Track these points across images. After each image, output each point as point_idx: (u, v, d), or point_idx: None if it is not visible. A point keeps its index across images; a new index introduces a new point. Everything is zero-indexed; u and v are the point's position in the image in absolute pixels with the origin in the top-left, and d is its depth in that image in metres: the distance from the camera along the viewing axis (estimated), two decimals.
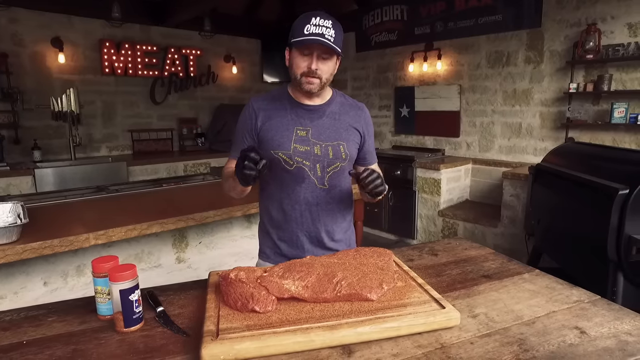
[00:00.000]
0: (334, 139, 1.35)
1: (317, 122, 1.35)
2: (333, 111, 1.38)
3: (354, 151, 1.40)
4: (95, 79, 4.58)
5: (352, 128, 1.39)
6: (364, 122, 1.43)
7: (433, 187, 4.17)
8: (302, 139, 1.33)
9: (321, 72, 1.26)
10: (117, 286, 0.94)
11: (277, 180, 1.38)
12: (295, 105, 1.35)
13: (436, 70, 4.69)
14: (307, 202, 1.36)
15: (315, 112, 1.35)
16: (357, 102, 1.46)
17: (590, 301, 1.10)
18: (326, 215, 1.39)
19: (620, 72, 3.37)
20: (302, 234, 1.39)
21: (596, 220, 1.95)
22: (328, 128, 1.35)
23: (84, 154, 4.54)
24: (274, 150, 1.32)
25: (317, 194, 1.36)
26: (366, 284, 1.00)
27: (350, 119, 1.39)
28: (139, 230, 1.78)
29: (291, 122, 1.34)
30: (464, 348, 0.88)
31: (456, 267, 1.34)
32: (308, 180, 1.35)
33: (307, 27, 1.20)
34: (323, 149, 1.34)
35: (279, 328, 0.88)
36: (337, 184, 1.39)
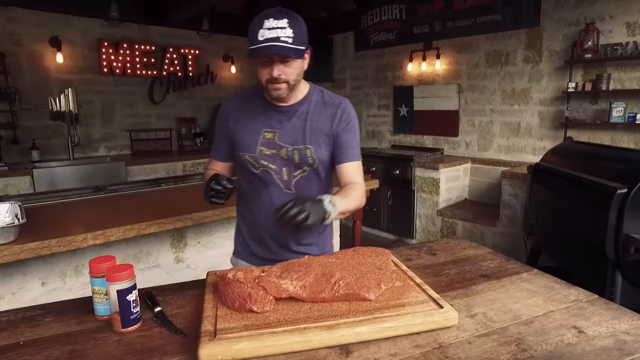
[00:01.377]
0: (301, 142, 1.28)
1: (285, 124, 1.29)
2: (304, 111, 1.30)
3: (324, 155, 1.30)
4: (93, 78, 4.58)
5: (321, 130, 1.29)
6: (339, 120, 1.30)
7: (432, 187, 4.17)
8: (269, 141, 1.28)
9: (286, 76, 1.18)
10: (114, 286, 0.94)
11: (246, 180, 1.38)
12: (267, 106, 1.30)
13: (435, 70, 4.69)
14: (273, 206, 1.29)
15: (284, 114, 1.29)
16: (337, 98, 1.34)
17: (589, 300, 1.10)
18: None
19: (618, 72, 3.38)
20: (268, 237, 1.37)
21: (594, 219, 1.95)
22: (295, 131, 1.28)
23: (83, 153, 4.54)
24: (241, 152, 1.30)
25: (283, 198, 1.28)
26: (364, 283, 1.00)
27: (321, 120, 1.30)
28: (137, 230, 1.77)
29: (259, 124, 1.29)
30: (461, 348, 0.88)
31: (454, 267, 1.34)
32: (273, 185, 1.31)
33: (261, 33, 1.11)
34: (289, 153, 1.28)
35: (277, 328, 0.88)
36: (304, 189, 1.33)
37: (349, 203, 1.23)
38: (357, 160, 1.35)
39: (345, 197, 1.23)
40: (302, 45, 1.17)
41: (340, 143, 1.31)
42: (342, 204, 1.19)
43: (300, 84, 1.30)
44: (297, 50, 1.15)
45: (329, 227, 1.48)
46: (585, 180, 2.04)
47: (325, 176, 1.37)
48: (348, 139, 1.32)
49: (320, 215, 1.08)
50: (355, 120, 1.36)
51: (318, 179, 1.35)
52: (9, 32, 4.01)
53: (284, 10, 1.15)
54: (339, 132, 1.31)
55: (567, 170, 2.26)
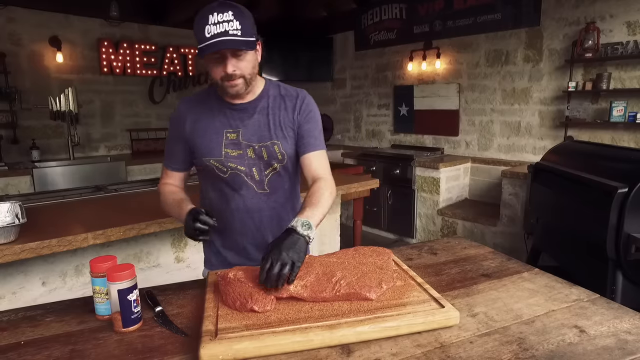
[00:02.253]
0: (267, 138, 1.24)
1: (247, 122, 1.24)
2: (264, 107, 1.25)
3: (290, 149, 1.27)
4: (93, 78, 4.58)
5: (286, 123, 1.25)
6: (299, 110, 1.26)
7: (432, 186, 4.17)
8: (233, 142, 1.23)
9: (241, 70, 1.14)
10: (115, 286, 0.94)
11: (214, 188, 1.30)
12: (223, 105, 1.25)
13: (435, 69, 4.69)
14: (248, 209, 1.27)
15: (244, 111, 1.24)
16: (294, 90, 1.30)
17: (590, 300, 1.10)
18: (270, 221, 1.30)
19: (619, 71, 3.37)
20: (246, 242, 1.32)
21: (595, 218, 1.95)
22: (259, 127, 1.24)
23: (83, 153, 4.54)
24: (205, 157, 1.24)
25: (258, 199, 1.27)
26: (365, 283, 1.00)
27: (283, 113, 1.26)
28: (138, 230, 1.77)
29: (220, 125, 1.24)
30: (463, 347, 0.88)
31: (455, 266, 1.33)
32: (246, 186, 1.26)
33: (207, 29, 1.06)
34: (257, 151, 1.24)
35: (278, 328, 0.88)
36: (279, 186, 1.30)
37: (322, 210, 1.14)
38: (321, 150, 1.29)
39: (315, 206, 1.13)
40: (252, 37, 1.12)
41: (302, 133, 1.26)
42: (316, 217, 1.10)
43: (257, 79, 1.25)
44: (248, 42, 1.10)
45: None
46: (586, 180, 2.04)
47: (293, 171, 1.33)
48: (310, 129, 1.27)
49: (302, 249, 1.00)
50: (316, 110, 1.32)
51: (288, 175, 1.32)
52: (9, 31, 4.01)
53: (227, 3, 1.10)
54: (301, 123, 1.26)
55: (567, 169, 2.26)
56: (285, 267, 0.95)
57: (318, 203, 1.14)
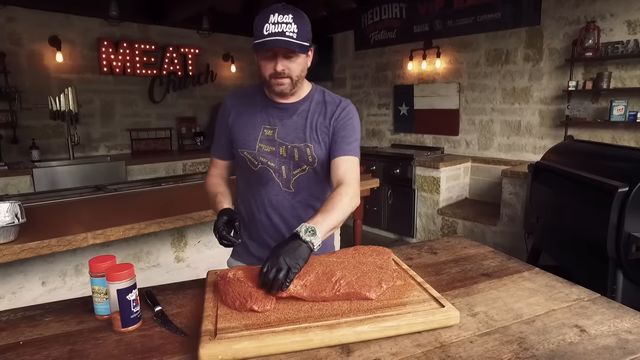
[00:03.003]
0: (301, 140, 1.26)
1: (285, 122, 1.27)
2: (305, 110, 1.29)
3: (323, 154, 1.28)
4: (93, 78, 4.57)
5: (321, 129, 1.27)
6: (337, 117, 1.28)
7: (432, 186, 4.16)
8: (269, 138, 1.27)
9: (290, 71, 1.18)
10: (114, 286, 0.93)
11: (245, 178, 1.36)
12: (268, 103, 1.30)
13: (435, 69, 4.68)
14: (272, 205, 1.30)
15: (285, 111, 1.28)
16: (338, 99, 1.32)
17: (590, 299, 1.10)
18: (292, 220, 1.32)
19: (619, 70, 3.37)
20: (267, 236, 1.34)
21: (595, 218, 1.95)
22: (296, 128, 1.27)
23: (83, 153, 4.54)
24: (240, 148, 1.30)
25: (282, 197, 1.30)
26: (365, 282, 1.00)
27: (321, 119, 1.28)
28: (137, 230, 1.77)
29: (260, 121, 1.29)
30: (463, 347, 0.88)
31: (455, 266, 1.33)
32: (272, 183, 1.29)
33: (266, 27, 1.11)
34: (289, 150, 1.26)
35: (278, 327, 0.87)
36: (305, 188, 1.31)
37: (335, 217, 1.12)
38: (352, 156, 1.27)
39: (328, 213, 1.11)
40: (306, 42, 1.17)
41: (336, 139, 1.28)
42: (325, 224, 1.07)
43: (303, 82, 1.30)
44: (301, 45, 1.14)
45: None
46: (586, 179, 2.04)
47: (324, 176, 1.35)
48: (345, 135, 1.28)
49: (302, 255, 0.98)
50: (356, 119, 1.32)
51: (318, 179, 1.34)
52: (8, 31, 4.01)
53: (289, 6, 1.16)
54: (337, 129, 1.28)
55: (567, 169, 2.25)
56: (280, 272, 0.94)
57: (332, 210, 1.12)
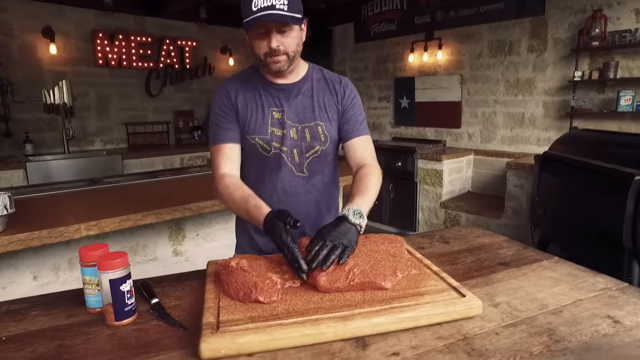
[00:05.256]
0: (311, 119, 1.21)
1: (292, 102, 1.21)
2: (308, 88, 1.24)
3: (334, 132, 1.25)
4: (88, 70, 4.47)
5: (330, 106, 1.24)
6: (343, 95, 1.25)
7: (435, 178, 4.09)
8: (278, 121, 1.20)
9: (285, 47, 1.11)
10: (106, 275, 0.85)
11: (253, 167, 1.26)
12: (268, 85, 1.22)
13: (437, 60, 4.60)
14: (285, 192, 1.23)
15: (288, 92, 1.22)
16: (337, 77, 1.29)
17: (619, 289, 1.02)
18: (307, 207, 1.26)
19: (626, 59, 3.30)
20: None
21: (610, 207, 1.88)
22: (304, 108, 1.22)
23: (78, 147, 4.44)
24: (250, 135, 1.20)
25: (296, 182, 1.24)
26: (379, 271, 0.92)
27: (327, 96, 1.24)
28: (133, 221, 1.69)
29: (266, 103, 1.21)
30: (488, 339, 0.80)
31: (470, 255, 1.26)
32: (285, 168, 1.22)
33: (254, 2, 1.03)
34: (299, 132, 1.21)
35: (286, 320, 0.80)
36: (318, 170, 1.26)
37: (371, 197, 1.12)
38: (366, 135, 1.28)
39: (364, 194, 1.11)
40: (299, 13, 1.09)
41: (348, 118, 1.26)
42: (366, 205, 1.08)
43: (300, 61, 1.24)
44: (294, 17, 1.07)
45: None
46: (599, 168, 1.97)
47: (334, 157, 1.31)
48: (355, 114, 1.27)
49: (354, 238, 0.97)
50: (359, 97, 1.32)
51: (329, 160, 1.29)
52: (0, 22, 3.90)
53: None
54: (346, 108, 1.26)
55: (579, 158, 2.18)
56: (337, 248, 0.92)
57: (367, 191, 1.12)
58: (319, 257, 0.90)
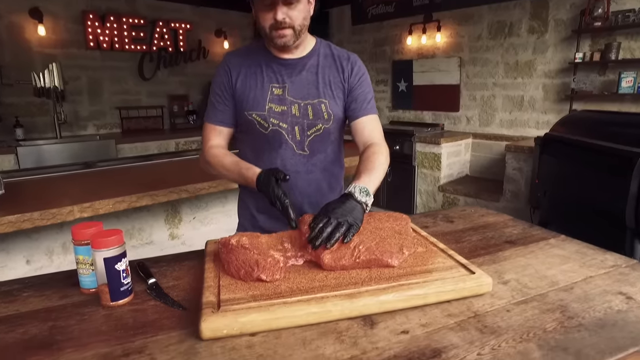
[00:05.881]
0: (314, 96, 1.17)
1: (294, 78, 1.17)
2: (314, 64, 1.19)
3: (338, 110, 1.20)
4: (79, 53, 4.35)
5: (336, 84, 1.19)
6: (350, 72, 1.21)
7: (433, 162, 4.06)
8: (279, 97, 1.16)
9: (291, 20, 1.07)
10: (100, 254, 0.82)
11: (253, 145, 1.23)
12: (271, 59, 1.18)
13: (435, 43, 4.52)
14: (285, 169, 1.19)
15: (293, 67, 1.18)
16: (346, 53, 1.24)
17: (629, 266, 1.00)
18: (308, 185, 1.23)
19: (628, 40, 3.25)
20: None
21: (613, 187, 1.85)
22: (307, 84, 1.17)
23: (70, 132, 4.35)
24: (248, 111, 1.17)
25: (296, 160, 1.20)
26: (386, 248, 0.89)
27: (333, 73, 1.20)
28: (128, 203, 1.64)
29: (266, 79, 1.17)
30: (500, 316, 0.78)
31: (475, 234, 1.23)
32: (285, 146, 1.18)
33: None
34: (302, 109, 1.16)
35: (290, 298, 0.77)
36: (320, 149, 1.22)
37: (378, 176, 1.09)
38: (374, 114, 1.24)
39: (372, 172, 1.08)
40: None
41: (355, 96, 1.21)
42: (373, 184, 1.05)
43: (307, 36, 1.20)
44: None
45: None
46: (603, 148, 1.94)
47: (338, 136, 1.26)
48: (363, 92, 1.22)
49: (359, 216, 0.93)
50: (367, 75, 1.26)
51: (332, 139, 1.24)
52: None
53: None
54: (353, 86, 1.21)
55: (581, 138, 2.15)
56: (341, 226, 0.89)
57: (374, 169, 1.09)
58: (323, 235, 0.87)
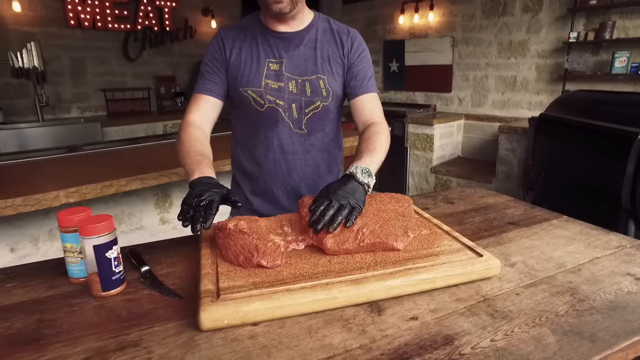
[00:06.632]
0: (312, 72, 1.12)
1: (292, 53, 1.12)
2: (312, 39, 1.13)
3: (337, 87, 1.15)
4: (59, 32, 4.16)
5: (335, 59, 1.14)
6: (350, 48, 1.15)
7: (426, 143, 4.03)
8: (275, 73, 1.10)
9: None
10: (90, 241, 0.76)
11: (248, 123, 1.17)
12: (267, 33, 1.12)
13: (428, 22, 4.44)
14: (282, 149, 1.15)
15: (290, 41, 1.12)
16: (345, 28, 1.18)
17: (634, 246, 0.99)
18: (306, 166, 1.19)
19: (623, 19, 3.21)
20: (277, 187, 1.19)
21: (609, 167, 1.84)
22: (305, 59, 1.12)
23: (53, 115, 4.20)
24: (242, 87, 1.11)
25: (294, 139, 1.15)
26: (390, 231, 0.85)
27: (333, 48, 1.14)
28: (117, 187, 1.58)
29: (262, 54, 1.11)
30: (510, 300, 0.75)
31: (477, 215, 1.21)
32: (282, 124, 1.13)
33: None
34: (299, 85, 1.11)
35: (293, 285, 0.73)
36: (318, 128, 1.17)
37: (380, 156, 1.04)
38: (374, 92, 1.19)
39: (373, 152, 1.03)
40: None
41: (355, 73, 1.15)
42: (375, 164, 1.00)
43: (305, 9, 1.14)
44: None
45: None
46: (600, 127, 1.92)
47: (336, 115, 1.21)
48: (363, 69, 1.16)
49: (361, 197, 0.89)
50: (368, 51, 1.20)
51: (330, 117, 1.19)
52: None
53: None
54: (353, 62, 1.15)
55: (578, 118, 2.13)
56: (343, 209, 0.84)
57: (375, 149, 1.04)
58: (325, 218, 0.83)
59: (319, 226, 0.82)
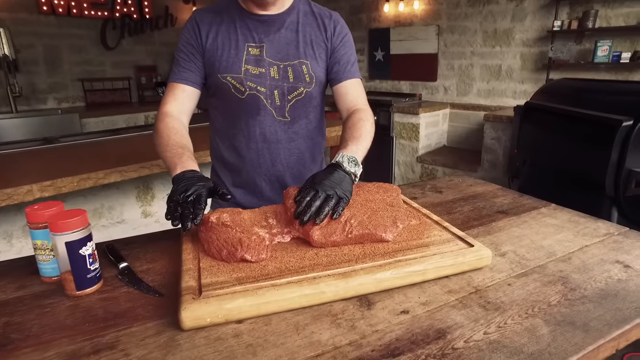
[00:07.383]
0: (295, 56, 1.07)
1: (273, 37, 1.06)
2: (293, 21, 1.09)
3: (320, 72, 1.11)
4: (31, 18, 3.99)
5: (318, 43, 1.09)
6: (333, 32, 1.11)
7: (411, 133, 4.03)
8: (256, 58, 1.05)
9: None
10: (61, 238, 0.72)
11: (227, 112, 1.12)
12: (246, 16, 1.06)
13: (413, 10, 4.40)
14: (264, 138, 1.11)
15: (271, 24, 1.07)
16: (327, 11, 1.14)
17: (621, 233, 0.98)
18: (290, 155, 1.15)
19: (605, 8, 3.23)
20: (260, 178, 1.15)
21: (593, 155, 1.86)
22: (287, 44, 1.07)
23: (28, 106, 4.05)
24: (222, 74, 1.05)
25: (276, 128, 1.11)
26: (379, 222, 0.83)
27: (315, 32, 1.10)
28: (95, 180, 1.52)
29: (242, 38, 1.06)
30: (502, 290, 0.74)
31: (466, 204, 1.19)
32: (264, 112, 1.08)
33: None
34: (281, 71, 1.06)
35: (279, 280, 0.70)
36: (301, 115, 1.13)
37: (366, 144, 1.01)
38: (358, 78, 1.16)
39: (359, 140, 1.00)
40: None
41: (338, 58, 1.11)
42: (361, 153, 0.97)
43: None
44: None
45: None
46: (585, 115, 1.93)
47: (320, 101, 1.17)
48: (346, 54, 1.12)
49: (348, 187, 0.86)
50: (350, 35, 1.17)
51: (314, 104, 1.15)
52: None
53: None
54: (336, 46, 1.11)
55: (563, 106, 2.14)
56: (330, 199, 0.81)
57: (361, 137, 1.01)
58: (311, 209, 0.79)
59: (305, 218, 0.79)
